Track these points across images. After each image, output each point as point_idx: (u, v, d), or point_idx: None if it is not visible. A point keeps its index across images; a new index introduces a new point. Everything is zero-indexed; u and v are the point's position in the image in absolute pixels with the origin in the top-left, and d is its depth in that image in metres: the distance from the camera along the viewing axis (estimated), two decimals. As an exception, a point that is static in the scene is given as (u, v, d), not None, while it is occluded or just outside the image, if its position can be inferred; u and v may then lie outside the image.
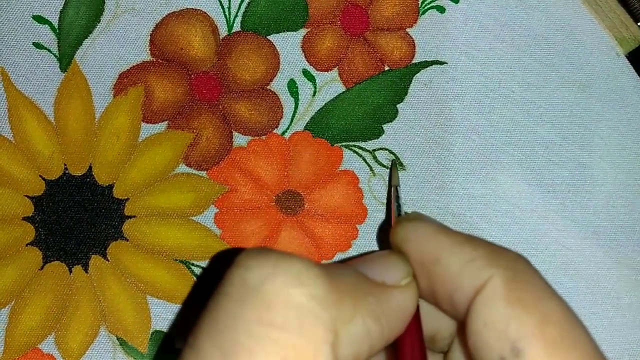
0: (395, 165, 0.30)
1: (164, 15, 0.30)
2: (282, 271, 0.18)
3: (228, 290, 0.18)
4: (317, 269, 0.18)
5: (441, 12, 0.31)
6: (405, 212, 0.27)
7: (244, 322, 0.17)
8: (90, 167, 0.29)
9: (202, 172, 0.30)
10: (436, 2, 0.31)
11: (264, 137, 0.30)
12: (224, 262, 0.29)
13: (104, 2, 0.30)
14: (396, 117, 0.31)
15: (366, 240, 0.30)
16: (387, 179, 0.30)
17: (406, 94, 0.31)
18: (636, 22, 0.32)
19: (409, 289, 0.20)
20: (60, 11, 0.30)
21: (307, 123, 0.30)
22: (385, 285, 0.20)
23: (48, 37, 0.30)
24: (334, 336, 0.18)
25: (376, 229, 0.30)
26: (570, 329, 0.18)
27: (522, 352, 0.18)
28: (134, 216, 0.29)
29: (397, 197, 0.27)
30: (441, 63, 0.31)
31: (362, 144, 0.30)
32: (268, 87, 0.30)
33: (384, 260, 0.21)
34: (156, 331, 0.28)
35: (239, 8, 0.31)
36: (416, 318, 0.21)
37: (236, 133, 0.30)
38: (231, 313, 0.18)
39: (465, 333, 0.20)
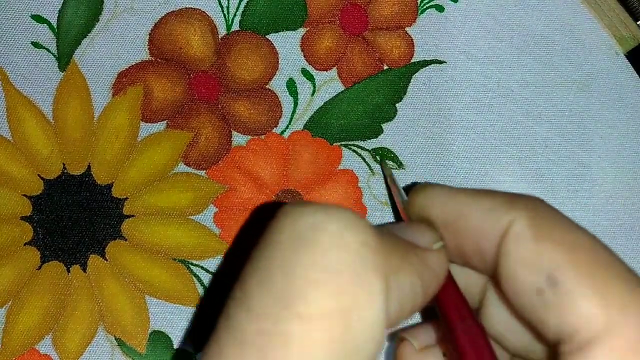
0: (384, 161, 0.30)
1: (163, 15, 0.30)
2: (335, 218, 0.18)
3: (278, 239, 0.18)
4: (366, 220, 0.18)
5: (440, 11, 0.31)
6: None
7: (299, 268, 0.17)
8: (89, 167, 0.29)
9: (201, 171, 0.30)
10: (435, 1, 0.31)
11: (263, 137, 0.30)
12: (228, 265, 0.29)
13: (103, 2, 0.30)
14: (395, 116, 0.31)
15: (365, 239, 0.29)
16: (384, 176, 0.30)
17: (405, 93, 0.31)
18: (635, 21, 0.32)
19: (441, 252, 0.21)
20: (59, 10, 0.30)
21: (306, 122, 0.30)
22: (421, 247, 0.21)
23: (47, 37, 0.30)
24: (386, 285, 0.18)
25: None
26: (600, 252, 0.19)
27: (558, 279, 0.18)
28: (133, 215, 0.29)
29: (394, 181, 0.28)
30: (440, 62, 0.31)
31: (362, 143, 0.30)
32: (267, 87, 0.30)
33: (414, 228, 0.22)
34: (155, 331, 0.28)
35: (237, 7, 0.31)
36: (450, 278, 0.22)
37: (235, 132, 0.30)
38: (284, 260, 0.17)
39: (498, 278, 0.20)
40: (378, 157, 0.30)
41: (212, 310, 0.29)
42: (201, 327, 0.29)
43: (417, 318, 0.28)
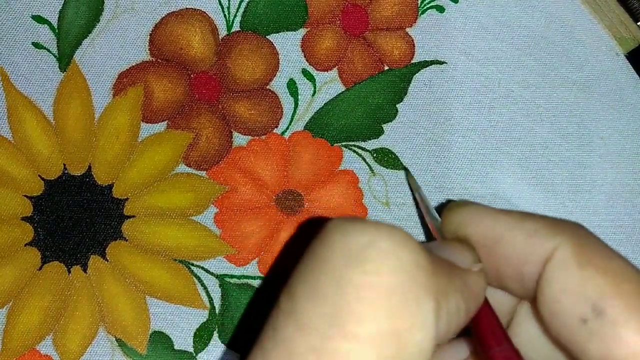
0: (408, 170, 0.30)
1: (164, 15, 0.30)
2: (387, 236, 0.18)
3: (329, 254, 0.18)
4: (415, 239, 0.18)
5: (440, 12, 0.31)
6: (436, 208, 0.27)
7: (351, 286, 0.17)
8: (90, 167, 0.29)
9: (202, 171, 0.30)
10: (435, 1, 0.31)
11: (263, 137, 0.30)
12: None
13: (104, 2, 0.30)
14: (396, 116, 0.31)
15: (366, 240, 0.29)
16: (388, 175, 0.30)
17: (406, 94, 0.31)
18: (635, 21, 0.32)
19: (481, 273, 0.21)
20: (60, 11, 0.30)
21: (307, 123, 0.30)
22: (462, 268, 0.20)
23: (47, 37, 0.30)
24: (437, 307, 0.18)
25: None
26: None
27: (603, 310, 0.18)
28: (134, 216, 0.29)
29: (423, 198, 0.28)
30: (441, 63, 0.31)
31: (362, 144, 0.30)
32: (268, 87, 0.30)
33: (453, 247, 0.21)
34: (155, 332, 0.28)
35: (238, 8, 0.31)
36: (486, 300, 0.22)
37: (236, 133, 0.30)
38: (335, 276, 0.17)
39: (538, 304, 0.20)
40: (386, 162, 0.30)
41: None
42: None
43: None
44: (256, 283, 0.29)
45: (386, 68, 0.31)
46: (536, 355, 0.22)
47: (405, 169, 0.30)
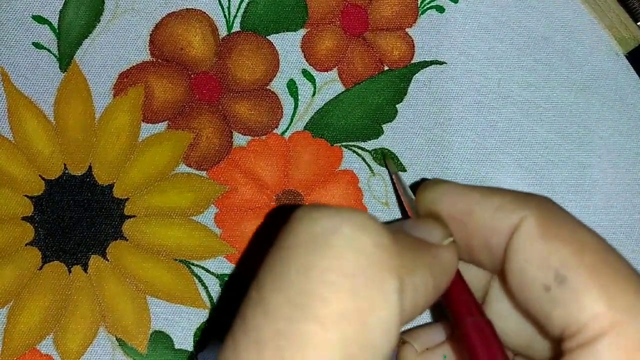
0: (388, 156, 0.30)
1: (164, 15, 0.30)
2: (350, 221, 0.18)
3: (294, 242, 0.18)
4: (379, 222, 0.19)
5: (440, 12, 0.31)
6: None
7: (316, 271, 0.17)
8: (90, 167, 0.29)
9: (202, 172, 0.30)
10: (435, 2, 0.31)
11: (263, 137, 0.30)
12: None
13: (104, 2, 0.30)
14: (396, 117, 0.31)
15: (366, 240, 0.29)
16: (388, 175, 0.30)
17: (406, 94, 0.31)
18: (635, 21, 0.32)
19: (452, 247, 0.22)
20: (60, 11, 0.30)
21: (307, 123, 0.30)
22: (432, 244, 0.21)
23: (48, 37, 0.30)
24: (401, 284, 0.18)
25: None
26: (607, 253, 0.20)
27: (566, 277, 0.19)
28: (134, 216, 0.29)
29: (399, 178, 0.28)
30: (440, 63, 0.31)
31: (362, 144, 0.30)
32: (268, 87, 0.30)
33: (424, 223, 0.22)
34: (156, 331, 0.28)
35: (238, 8, 0.31)
36: (459, 274, 0.22)
37: (236, 133, 0.30)
38: (300, 263, 0.18)
39: (505, 276, 0.21)
40: (380, 155, 0.30)
41: (222, 314, 0.29)
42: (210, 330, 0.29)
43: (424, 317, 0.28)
44: (256, 283, 0.29)
45: (386, 68, 0.31)
46: (509, 328, 0.23)
47: (384, 154, 0.30)
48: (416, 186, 0.30)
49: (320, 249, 0.18)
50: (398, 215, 0.30)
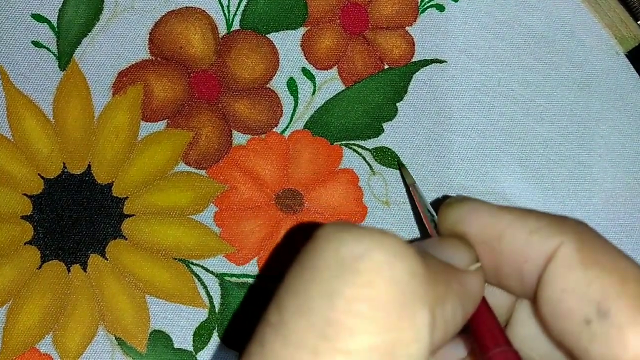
0: (403, 164, 0.30)
1: (163, 14, 0.30)
2: (382, 246, 0.17)
3: (319, 264, 0.17)
4: (413, 246, 0.17)
5: (440, 11, 0.31)
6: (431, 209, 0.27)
7: (343, 299, 0.16)
8: (89, 166, 0.29)
9: (202, 170, 0.30)
10: (436, 0, 0.31)
11: (263, 136, 0.30)
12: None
13: (103, 1, 0.30)
14: (396, 115, 0.31)
15: (366, 239, 0.29)
16: (388, 174, 0.30)
17: (406, 93, 0.31)
18: (636, 20, 0.32)
19: (479, 273, 0.20)
20: (59, 10, 0.30)
21: (307, 122, 0.30)
22: (459, 270, 0.20)
23: (47, 36, 0.30)
24: (432, 318, 0.17)
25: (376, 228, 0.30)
26: None
27: (608, 311, 0.18)
28: (133, 215, 0.29)
29: (419, 193, 0.27)
30: (441, 61, 0.31)
31: (362, 143, 0.30)
32: (267, 86, 0.30)
33: (450, 246, 0.21)
34: (155, 331, 0.28)
35: (238, 6, 0.31)
36: (484, 299, 0.21)
37: (236, 132, 0.30)
38: (326, 288, 0.16)
39: (538, 304, 0.20)
40: (380, 154, 0.30)
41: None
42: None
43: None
44: (256, 282, 0.29)
45: (386, 67, 0.31)
46: (535, 354, 0.22)
47: (400, 163, 0.30)
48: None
49: (349, 275, 0.16)
50: (399, 214, 0.30)
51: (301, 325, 0.16)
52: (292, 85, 0.30)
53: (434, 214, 0.25)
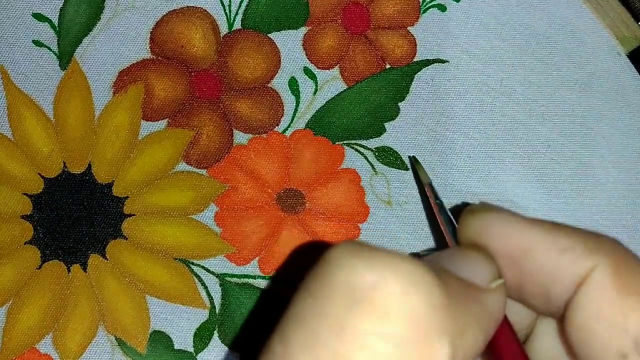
0: (418, 161, 0.29)
1: (165, 13, 0.30)
2: (397, 273, 0.15)
3: (327, 293, 0.15)
4: (432, 273, 0.16)
5: (442, 11, 0.31)
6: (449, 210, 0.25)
7: (354, 334, 0.15)
8: (90, 165, 0.29)
9: (203, 170, 0.29)
10: (437, 0, 0.31)
11: (264, 135, 0.30)
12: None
13: (104, 0, 0.30)
14: (398, 115, 0.30)
15: (368, 239, 0.29)
16: (390, 173, 0.30)
17: (408, 92, 0.31)
18: (637, 21, 0.32)
19: (501, 291, 0.19)
20: (60, 9, 0.30)
21: (308, 121, 0.30)
22: (481, 289, 0.18)
23: (48, 35, 0.30)
24: (453, 350, 0.16)
25: (378, 228, 0.29)
26: None
27: None
28: (134, 214, 0.29)
29: (437, 196, 0.26)
30: (442, 61, 0.31)
31: (364, 142, 0.30)
32: (269, 85, 0.30)
33: (469, 259, 0.19)
34: (155, 331, 0.28)
35: (239, 6, 0.31)
36: (506, 319, 0.19)
37: (237, 131, 0.30)
38: (335, 321, 0.15)
39: (566, 327, 0.18)
40: (383, 159, 0.29)
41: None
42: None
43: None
44: (257, 282, 0.29)
45: (388, 66, 0.31)
46: None
47: (415, 160, 0.29)
48: (416, 185, 0.30)
49: (361, 307, 0.15)
50: (401, 215, 0.30)
51: (307, 358, 0.15)
52: (293, 84, 0.30)
53: (454, 220, 0.23)
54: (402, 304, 0.15)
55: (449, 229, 0.23)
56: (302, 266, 0.29)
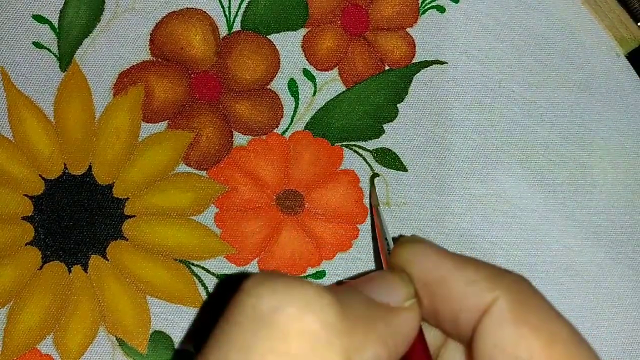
0: (373, 182, 0.30)
1: (164, 15, 0.30)
2: (294, 299, 0.17)
3: (238, 320, 0.18)
4: (329, 295, 0.18)
5: (441, 12, 0.31)
6: (389, 235, 0.27)
7: (258, 354, 0.17)
8: (90, 167, 0.29)
9: (202, 171, 0.30)
10: (436, 1, 0.31)
11: (264, 137, 0.30)
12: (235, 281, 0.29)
13: (104, 2, 0.30)
14: (396, 116, 0.31)
15: (367, 240, 0.29)
16: (389, 175, 0.30)
17: (406, 94, 0.31)
18: (636, 22, 0.32)
19: (413, 310, 0.21)
20: (60, 10, 0.30)
21: (308, 122, 0.30)
22: (391, 308, 0.20)
23: (48, 37, 0.30)
24: None
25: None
26: (577, 348, 0.19)
27: None
28: (134, 216, 0.29)
29: (380, 217, 0.28)
30: (441, 63, 0.31)
31: (363, 144, 0.30)
32: (268, 87, 0.30)
33: (387, 281, 0.21)
34: (156, 331, 0.28)
35: (239, 7, 0.31)
36: (420, 336, 0.21)
37: (236, 132, 0.30)
38: (243, 344, 0.17)
39: (472, 353, 0.20)
40: (381, 160, 0.30)
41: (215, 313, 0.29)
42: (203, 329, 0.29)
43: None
44: (256, 283, 0.29)
45: (387, 68, 0.31)
46: None
47: (371, 181, 0.30)
48: (415, 186, 0.30)
49: (264, 329, 0.17)
50: (399, 215, 0.30)
51: None
52: (292, 86, 0.30)
53: (391, 242, 0.26)
54: (298, 324, 0.17)
55: (387, 253, 0.25)
56: (301, 266, 0.29)
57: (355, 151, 0.30)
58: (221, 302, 0.29)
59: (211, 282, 0.29)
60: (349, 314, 0.18)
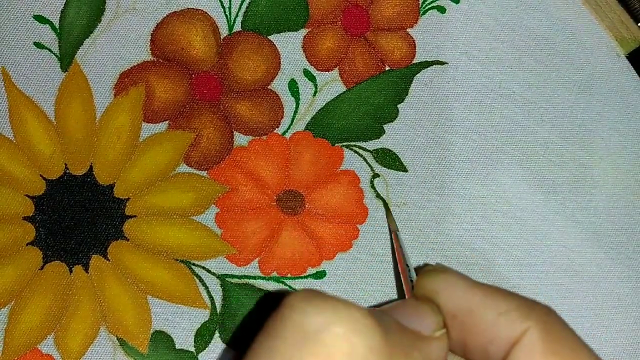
0: (388, 208, 0.30)
1: (165, 15, 0.30)
2: (342, 319, 0.18)
3: (281, 334, 0.18)
4: (373, 319, 0.18)
5: (442, 13, 0.31)
6: (409, 263, 0.27)
7: None
8: (91, 167, 0.29)
9: (203, 171, 0.30)
10: (437, 2, 0.31)
11: (264, 137, 0.30)
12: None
13: (105, 2, 0.30)
14: (397, 117, 0.31)
15: (367, 240, 0.29)
16: (389, 175, 0.30)
17: (407, 94, 0.31)
18: (636, 22, 0.32)
19: (443, 340, 0.21)
20: (61, 11, 0.30)
21: (308, 123, 0.30)
22: (423, 336, 0.20)
23: (49, 37, 0.30)
24: None
25: (377, 229, 0.30)
26: None
27: None
28: (135, 216, 0.29)
29: (401, 246, 0.28)
30: (442, 63, 0.31)
31: (363, 144, 0.30)
32: (269, 87, 0.30)
33: (419, 310, 0.21)
34: (157, 331, 0.28)
35: (239, 8, 0.31)
36: None
37: (237, 133, 0.30)
38: (285, 357, 0.17)
39: None
40: (382, 161, 0.30)
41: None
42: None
43: None
44: (257, 283, 0.29)
45: (387, 68, 0.31)
46: None
47: (386, 207, 0.30)
48: (415, 186, 0.30)
49: (310, 346, 0.17)
50: (399, 216, 0.30)
51: None
52: (293, 86, 0.31)
53: (413, 271, 0.26)
54: (344, 345, 0.17)
55: (409, 281, 0.25)
56: (301, 267, 0.29)
57: (355, 151, 0.30)
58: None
59: (212, 282, 0.29)
60: (390, 339, 0.18)
